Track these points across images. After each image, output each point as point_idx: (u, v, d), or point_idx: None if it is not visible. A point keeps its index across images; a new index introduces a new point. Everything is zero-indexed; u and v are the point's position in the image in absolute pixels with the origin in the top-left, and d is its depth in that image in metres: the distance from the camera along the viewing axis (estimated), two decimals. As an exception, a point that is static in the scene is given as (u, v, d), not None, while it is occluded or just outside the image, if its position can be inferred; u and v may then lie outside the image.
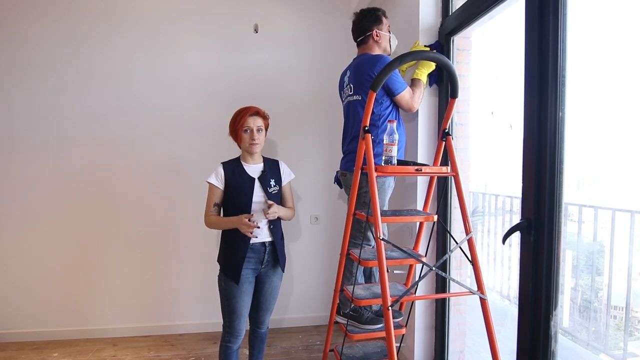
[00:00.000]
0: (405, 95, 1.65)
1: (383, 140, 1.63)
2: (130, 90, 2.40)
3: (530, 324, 1.24)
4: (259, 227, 1.58)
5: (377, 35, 1.73)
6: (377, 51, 1.75)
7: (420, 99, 1.70)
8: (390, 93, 1.65)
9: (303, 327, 2.62)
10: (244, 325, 1.64)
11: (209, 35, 2.46)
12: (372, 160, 1.37)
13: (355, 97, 1.73)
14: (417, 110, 1.87)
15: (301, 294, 2.65)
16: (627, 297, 2.06)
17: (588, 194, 2.71)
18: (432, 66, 1.73)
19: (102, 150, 2.38)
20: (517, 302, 1.29)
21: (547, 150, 1.17)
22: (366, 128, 1.41)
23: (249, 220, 1.53)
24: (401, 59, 1.32)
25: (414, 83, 1.72)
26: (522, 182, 1.27)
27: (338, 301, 1.70)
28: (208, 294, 1.72)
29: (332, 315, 1.72)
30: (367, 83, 1.65)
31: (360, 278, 1.77)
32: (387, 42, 1.77)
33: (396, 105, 1.70)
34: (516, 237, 1.27)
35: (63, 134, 2.35)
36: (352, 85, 1.75)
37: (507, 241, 1.27)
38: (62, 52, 2.32)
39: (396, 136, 1.42)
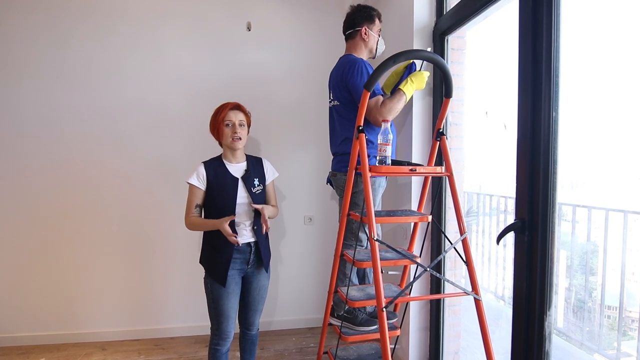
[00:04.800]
0: (370, 102, 1.51)
1: (373, 142, 1.62)
2: (123, 90, 2.36)
3: (524, 325, 1.23)
4: (239, 245, 1.54)
5: (365, 33, 1.72)
6: (362, 50, 1.75)
7: (391, 112, 1.51)
8: (356, 97, 1.59)
9: (296, 329, 2.60)
10: (232, 327, 1.61)
11: (202, 34, 2.43)
12: (367, 161, 1.35)
13: (335, 102, 1.74)
14: (412, 110, 1.86)
15: (295, 295, 2.62)
16: (620, 296, 2.07)
17: (581, 194, 2.73)
18: (423, 85, 1.58)
19: (92, 150, 2.34)
20: (512, 303, 1.28)
21: (541, 150, 1.17)
22: (360, 128, 1.39)
23: (232, 222, 1.52)
24: (395, 58, 1.31)
25: (394, 93, 1.56)
26: (516, 182, 1.26)
27: (332, 303, 1.68)
28: (199, 296, 1.70)
29: (326, 317, 1.71)
30: (343, 90, 1.65)
31: (355, 279, 1.76)
32: (374, 43, 1.76)
33: None
34: (510, 237, 1.27)
35: (54, 134, 2.30)
36: (331, 91, 1.77)
37: (501, 241, 1.26)
38: (56, 53, 2.28)
39: (390, 136, 1.40)
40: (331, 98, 1.77)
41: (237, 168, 1.64)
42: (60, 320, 2.36)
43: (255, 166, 1.68)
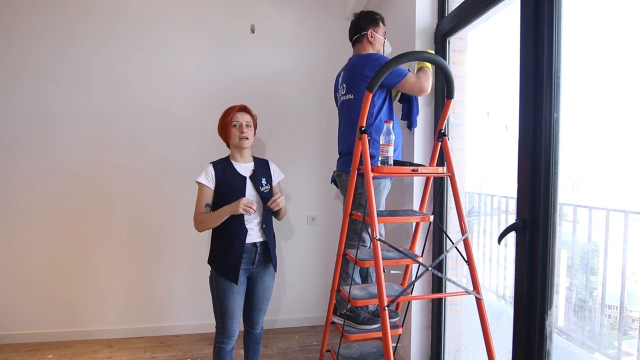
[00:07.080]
0: (409, 78, 1.60)
1: (378, 141, 1.63)
2: (126, 91, 2.38)
3: (525, 324, 1.24)
4: (255, 211, 1.54)
5: (372, 36, 1.74)
6: (370, 52, 1.75)
7: (429, 81, 1.62)
8: (390, 86, 1.63)
9: (299, 327, 2.62)
10: (237, 325, 1.63)
11: (205, 36, 2.45)
12: (369, 161, 1.37)
13: (347, 96, 1.74)
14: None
15: (297, 294, 2.64)
16: (621, 296, 2.07)
17: (582, 194, 2.73)
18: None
19: (97, 150, 2.36)
20: (513, 302, 1.29)
21: (542, 150, 1.18)
22: (362, 128, 1.41)
23: (241, 218, 1.53)
24: (397, 59, 1.32)
25: (419, 71, 1.67)
26: (518, 183, 1.27)
27: (335, 301, 1.70)
28: (204, 294, 1.72)
29: (328, 315, 1.72)
30: (359, 81, 1.65)
31: (357, 279, 1.77)
32: (381, 45, 1.78)
33: (390, 105, 1.69)
34: (512, 237, 1.28)
35: (57, 134, 2.32)
36: (344, 85, 1.76)
37: (502, 241, 1.27)
38: (59, 54, 2.30)
39: (392, 137, 1.42)
40: (344, 92, 1.76)
41: (244, 168, 1.67)
42: (67, 318, 2.39)
43: (262, 167, 1.72)
